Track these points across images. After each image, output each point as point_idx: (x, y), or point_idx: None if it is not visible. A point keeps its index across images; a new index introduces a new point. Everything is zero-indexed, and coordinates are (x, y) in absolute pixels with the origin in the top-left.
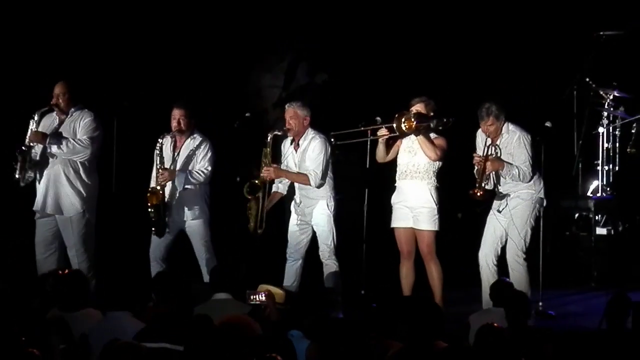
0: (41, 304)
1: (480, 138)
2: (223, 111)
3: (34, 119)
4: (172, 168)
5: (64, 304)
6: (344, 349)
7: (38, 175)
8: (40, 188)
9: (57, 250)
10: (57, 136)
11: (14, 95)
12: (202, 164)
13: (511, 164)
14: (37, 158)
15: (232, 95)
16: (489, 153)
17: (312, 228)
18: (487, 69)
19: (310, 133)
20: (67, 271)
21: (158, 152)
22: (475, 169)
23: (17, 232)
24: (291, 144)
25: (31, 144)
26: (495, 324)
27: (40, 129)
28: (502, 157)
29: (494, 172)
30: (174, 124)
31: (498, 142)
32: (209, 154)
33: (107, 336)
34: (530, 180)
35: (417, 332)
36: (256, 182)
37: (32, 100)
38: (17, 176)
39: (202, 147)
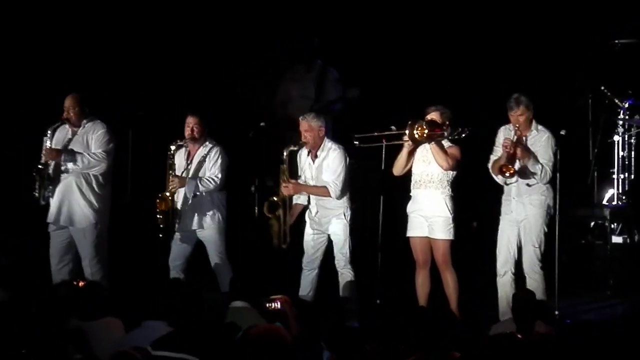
0: (55, 313)
1: (503, 135)
2: (239, 120)
3: (47, 136)
4: (183, 176)
5: (83, 314)
6: (360, 359)
7: (52, 190)
8: (53, 200)
9: (71, 261)
10: (71, 151)
11: (26, 107)
12: (212, 171)
13: (537, 159)
14: (51, 174)
15: (248, 104)
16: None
17: (329, 237)
18: (503, 77)
19: (327, 144)
20: (82, 281)
21: (171, 158)
22: (501, 156)
23: (32, 241)
24: (308, 155)
25: (47, 161)
26: (520, 336)
27: (53, 143)
28: None
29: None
30: (187, 131)
31: (526, 138)
32: (220, 161)
33: (143, 345)
34: (548, 182)
35: (433, 342)
36: (275, 199)
37: (45, 113)
38: (36, 195)
39: (213, 154)
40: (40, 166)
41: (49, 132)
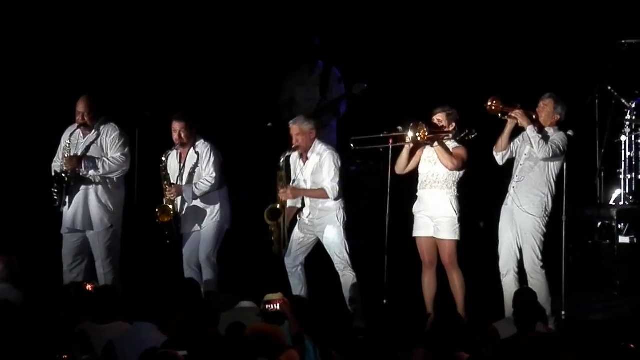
0: (67, 315)
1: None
2: (246, 120)
3: (67, 145)
4: (179, 182)
5: (96, 316)
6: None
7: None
8: (70, 205)
9: (83, 261)
10: (91, 158)
11: (31, 108)
12: (207, 172)
13: (537, 131)
14: (70, 180)
15: (255, 104)
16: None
17: (318, 240)
18: (510, 77)
19: (317, 145)
20: (93, 284)
21: (163, 169)
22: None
23: (42, 245)
24: (300, 157)
25: (68, 169)
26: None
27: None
28: None
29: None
30: (175, 136)
31: (544, 132)
32: (212, 159)
33: (132, 346)
34: (551, 157)
35: (440, 344)
36: (277, 206)
37: (51, 113)
38: (57, 203)
39: (205, 153)
40: (62, 174)
41: (67, 140)
